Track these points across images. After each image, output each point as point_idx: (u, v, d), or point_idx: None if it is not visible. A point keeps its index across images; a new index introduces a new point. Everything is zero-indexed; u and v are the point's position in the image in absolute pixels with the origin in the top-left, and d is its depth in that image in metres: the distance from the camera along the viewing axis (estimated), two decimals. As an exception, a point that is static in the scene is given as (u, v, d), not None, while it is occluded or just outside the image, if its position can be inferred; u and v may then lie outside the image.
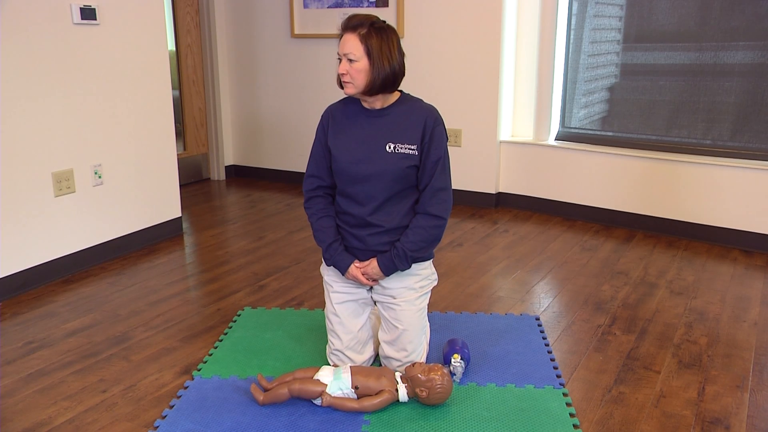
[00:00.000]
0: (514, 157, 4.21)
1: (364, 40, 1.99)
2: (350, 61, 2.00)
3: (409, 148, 2.05)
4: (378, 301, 2.18)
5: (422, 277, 2.17)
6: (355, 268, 2.11)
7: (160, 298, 2.87)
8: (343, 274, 2.13)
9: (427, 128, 2.06)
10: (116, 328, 2.59)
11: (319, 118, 2.23)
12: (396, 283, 2.14)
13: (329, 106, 2.20)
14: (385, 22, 2.04)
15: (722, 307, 2.75)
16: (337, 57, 2.05)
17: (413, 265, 2.13)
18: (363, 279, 2.11)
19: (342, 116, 2.14)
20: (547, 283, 3.02)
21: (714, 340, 2.45)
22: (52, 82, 2.97)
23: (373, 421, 1.93)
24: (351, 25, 2.01)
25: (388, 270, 2.08)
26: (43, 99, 2.95)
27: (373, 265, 2.09)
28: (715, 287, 2.97)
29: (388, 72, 2.00)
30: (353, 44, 1.99)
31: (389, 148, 2.06)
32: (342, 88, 2.07)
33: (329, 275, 2.20)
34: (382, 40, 2.01)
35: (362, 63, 1.99)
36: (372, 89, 2.02)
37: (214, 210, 4.31)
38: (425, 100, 2.16)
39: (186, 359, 2.33)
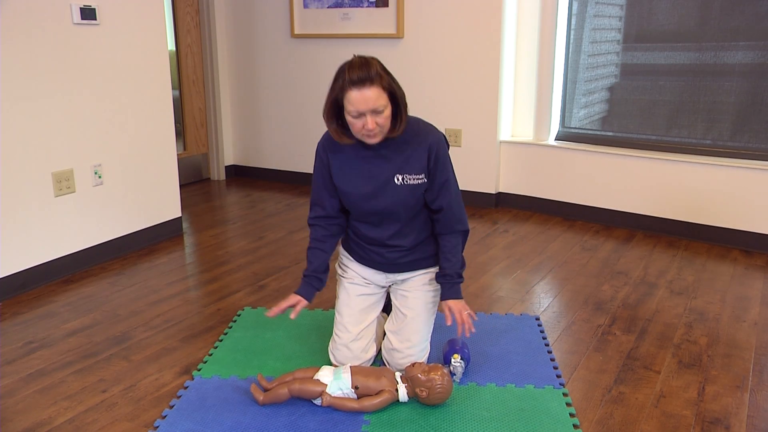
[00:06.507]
0: (514, 157, 4.21)
1: (384, 83, 1.85)
2: (377, 113, 1.86)
3: (417, 178, 2.03)
4: (392, 292, 2.23)
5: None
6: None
7: (160, 298, 2.87)
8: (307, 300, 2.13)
9: (432, 153, 2.02)
10: (116, 328, 2.59)
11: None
12: (414, 282, 2.19)
13: (322, 142, 2.09)
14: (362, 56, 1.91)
15: (722, 307, 2.75)
16: (354, 115, 1.86)
17: (431, 267, 2.21)
18: None
19: (341, 152, 2.06)
20: (547, 283, 3.02)
21: (714, 340, 2.45)
22: (52, 82, 2.97)
23: (373, 421, 1.93)
24: (363, 77, 1.82)
25: (459, 293, 2.11)
26: (44, 99, 2.95)
27: (454, 305, 2.08)
28: (715, 287, 2.97)
29: (405, 101, 1.94)
30: (378, 94, 1.84)
31: (398, 180, 2.02)
32: (361, 141, 1.96)
33: (350, 270, 2.22)
34: (387, 74, 1.90)
35: (389, 108, 1.89)
36: (400, 125, 1.94)
37: (214, 210, 4.30)
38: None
39: (186, 359, 2.33)
